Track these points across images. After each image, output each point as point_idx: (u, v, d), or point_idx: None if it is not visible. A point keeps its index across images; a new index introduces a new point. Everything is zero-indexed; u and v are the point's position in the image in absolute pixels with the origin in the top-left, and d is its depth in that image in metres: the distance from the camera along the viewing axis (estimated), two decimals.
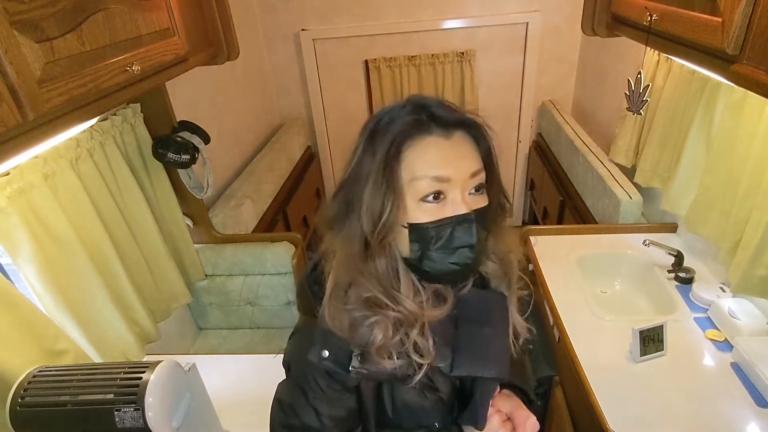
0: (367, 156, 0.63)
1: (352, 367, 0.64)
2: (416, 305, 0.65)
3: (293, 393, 0.68)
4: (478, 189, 0.64)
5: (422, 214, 0.62)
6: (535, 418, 0.74)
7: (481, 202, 0.65)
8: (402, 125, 0.62)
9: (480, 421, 0.70)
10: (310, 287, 0.69)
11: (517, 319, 0.76)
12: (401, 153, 0.61)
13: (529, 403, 0.81)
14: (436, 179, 0.61)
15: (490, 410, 0.73)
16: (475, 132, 0.64)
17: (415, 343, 0.64)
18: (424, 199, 0.61)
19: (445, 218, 0.62)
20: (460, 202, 0.62)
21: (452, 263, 0.63)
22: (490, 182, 0.66)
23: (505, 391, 0.79)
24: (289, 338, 0.73)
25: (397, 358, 0.64)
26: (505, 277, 0.74)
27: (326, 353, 0.65)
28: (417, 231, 0.62)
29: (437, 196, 0.61)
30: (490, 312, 0.72)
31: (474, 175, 0.63)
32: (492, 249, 0.72)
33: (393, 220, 0.62)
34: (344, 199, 0.65)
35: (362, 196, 0.62)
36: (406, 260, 0.66)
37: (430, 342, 0.65)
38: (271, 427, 0.71)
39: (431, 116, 0.62)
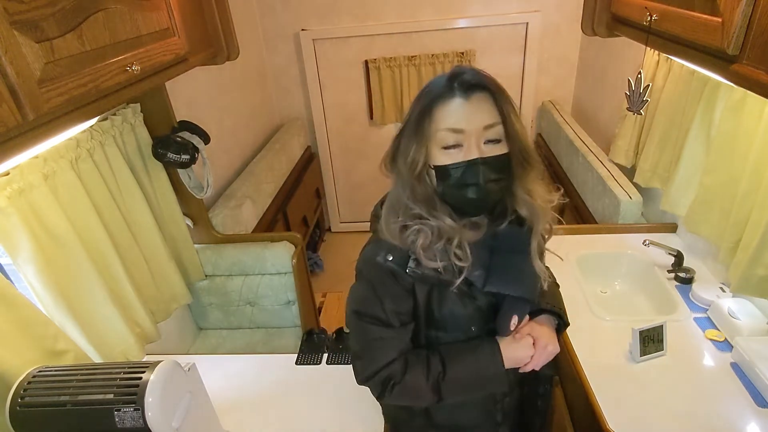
0: (411, 113, 0.81)
1: (409, 267, 0.81)
2: (454, 222, 0.81)
3: (364, 289, 0.85)
4: (494, 140, 0.78)
5: (444, 157, 0.79)
6: (552, 347, 0.88)
7: (498, 150, 0.78)
8: (435, 90, 0.79)
9: (503, 329, 0.87)
10: (378, 211, 0.88)
11: (537, 264, 0.87)
12: (432, 111, 0.78)
13: (563, 326, 0.97)
14: (452, 130, 0.77)
15: (524, 333, 0.88)
16: (495, 93, 0.77)
17: (455, 253, 0.80)
18: (445, 147, 0.78)
19: (459, 162, 0.78)
20: (474, 149, 0.77)
21: (467, 196, 0.79)
22: (509, 134, 0.78)
23: (541, 317, 0.93)
24: (363, 249, 0.88)
25: (440, 261, 0.80)
26: (531, 222, 0.86)
27: (391, 257, 0.82)
28: (439, 171, 0.80)
29: (455, 145, 0.77)
30: (521, 244, 0.86)
31: (488, 127, 0.77)
32: (519, 195, 0.84)
33: (420, 161, 0.79)
34: (396, 142, 0.83)
35: (402, 141, 0.81)
36: (437, 192, 0.83)
37: (468, 251, 0.81)
38: (346, 314, 0.89)
39: (458, 82, 0.77)
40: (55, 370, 0.93)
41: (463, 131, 0.77)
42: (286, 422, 1.24)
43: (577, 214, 2.27)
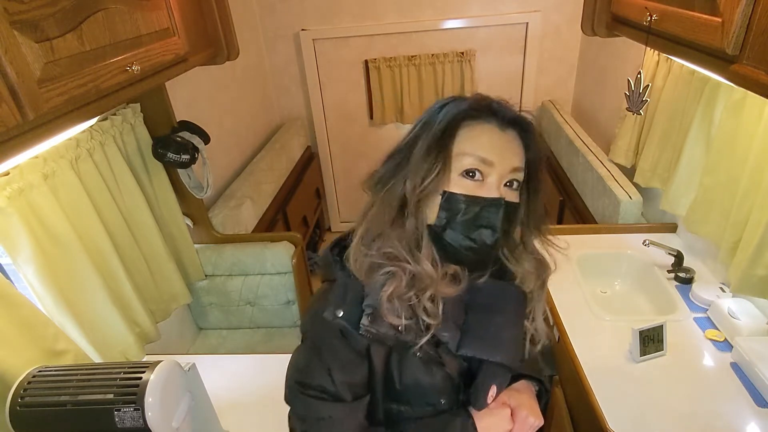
0: (426, 128, 0.69)
1: (362, 324, 0.67)
2: (433, 269, 0.69)
3: (309, 353, 0.71)
4: (512, 184, 0.69)
5: (460, 186, 0.67)
6: (534, 419, 0.77)
7: (512, 197, 0.69)
8: (464, 108, 0.68)
9: (479, 401, 0.74)
10: (333, 254, 0.75)
11: (540, 323, 0.78)
12: (458, 129, 0.67)
13: (545, 393, 0.86)
14: (481, 160, 0.66)
15: (500, 403, 0.76)
16: (527, 136, 0.70)
17: (425, 307, 0.68)
18: (465, 174, 0.67)
19: (479, 197, 0.67)
20: (496, 187, 0.67)
21: (470, 239, 0.68)
22: (529, 184, 0.71)
23: (519, 383, 0.82)
24: (309, 303, 0.76)
25: (404, 318, 0.67)
26: (538, 279, 0.78)
27: (340, 312, 0.69)
28: (450, 199, 0.67)
29: (477, 174, 0.67)
30: (504, 302, 0.76)
31: (514, 170, 0.68)
32: (531, 249, 0.77)
33: (434, 185, 0.67)
34: (395, 162, 0.71)
35: (412, 158, 0.68)
36: (431, 228, 0.70)
37: (439, 307, 0.69)
38: (286, 386, 0.74)
39: (492, 109, 0.68)
40: (55, 370, 0.93)
41: (493, 164, 0.66)
42: (286, 422, 1.23)
43: (577, 214, 2.28)
